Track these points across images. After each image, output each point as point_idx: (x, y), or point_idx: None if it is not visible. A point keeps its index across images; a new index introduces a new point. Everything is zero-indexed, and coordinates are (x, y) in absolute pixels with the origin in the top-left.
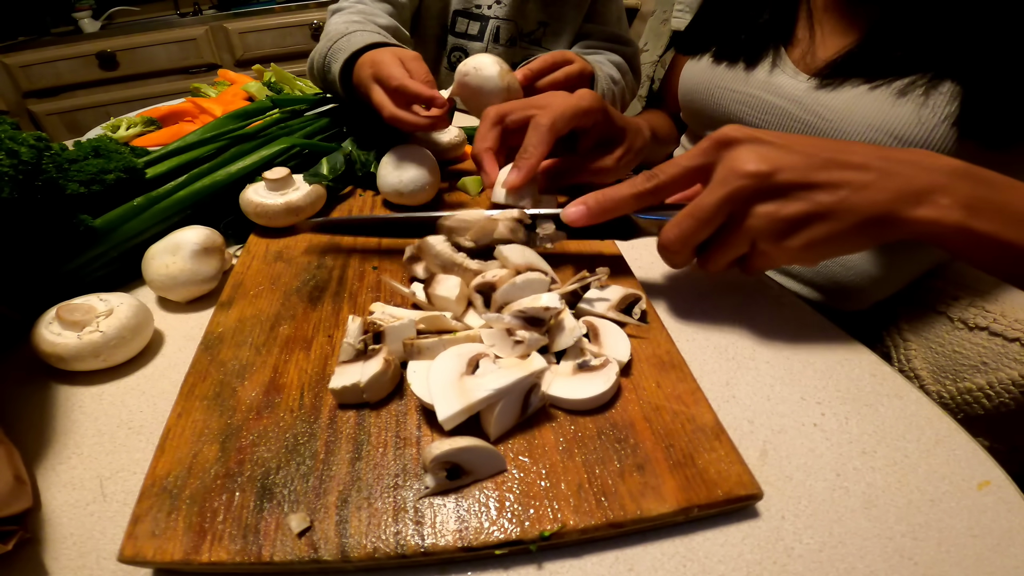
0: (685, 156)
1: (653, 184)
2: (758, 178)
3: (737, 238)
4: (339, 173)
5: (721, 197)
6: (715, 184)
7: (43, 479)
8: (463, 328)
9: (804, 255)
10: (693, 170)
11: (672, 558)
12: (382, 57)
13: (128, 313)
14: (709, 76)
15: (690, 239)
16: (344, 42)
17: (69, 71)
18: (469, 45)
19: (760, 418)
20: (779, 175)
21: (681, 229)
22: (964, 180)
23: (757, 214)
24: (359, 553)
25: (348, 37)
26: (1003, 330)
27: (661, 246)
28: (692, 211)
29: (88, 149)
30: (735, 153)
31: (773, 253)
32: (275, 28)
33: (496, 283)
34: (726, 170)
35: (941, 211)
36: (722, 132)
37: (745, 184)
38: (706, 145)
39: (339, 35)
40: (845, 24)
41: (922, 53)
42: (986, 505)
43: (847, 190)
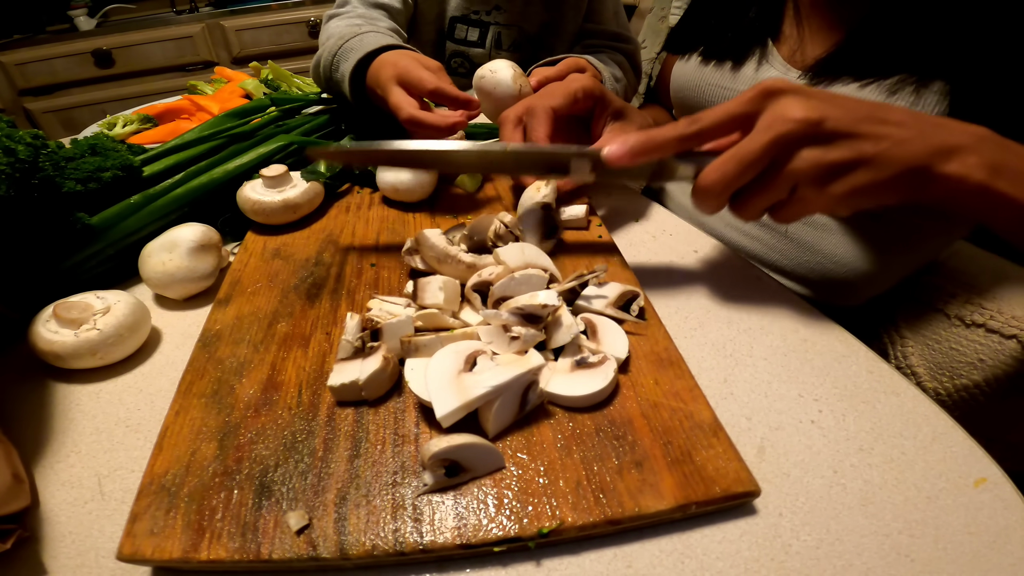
0: (730, 103)
1: (696, 128)
2: (807, 124)
3: (778, 182)
4: (337, 171)
5: (769, 140)
6: (761, 129)
7: (41, 477)
8: (460, 325)
9: (843, 202)
10: (737, 117)
11: (670, 555)
12: (407, 61)
13: (125, 311)
14: (698, 75)
15: (732, 183)
16: (356, 42)
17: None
18: (470, 51)
19: (758, 415)
20: (826, 123)
21: (724, 172)
22: (988, 143)
23: (803, 157)
24: (358, 551)
25: (360, 37)
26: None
27: (701, 188)
28: (737, 153)
29: (85, 147)
30: (783, 101)
31: (813, 198)
32: (272, 25)
33: (493, 280)
34: (774, 116)
35: (968, 168)
36: (768, 83)
37: (793, 129)
38: (751, 95)
39: (350, 35)
40: (831, 22)
41: (909, 52)
42: (982, 502)
43: (888, 142)
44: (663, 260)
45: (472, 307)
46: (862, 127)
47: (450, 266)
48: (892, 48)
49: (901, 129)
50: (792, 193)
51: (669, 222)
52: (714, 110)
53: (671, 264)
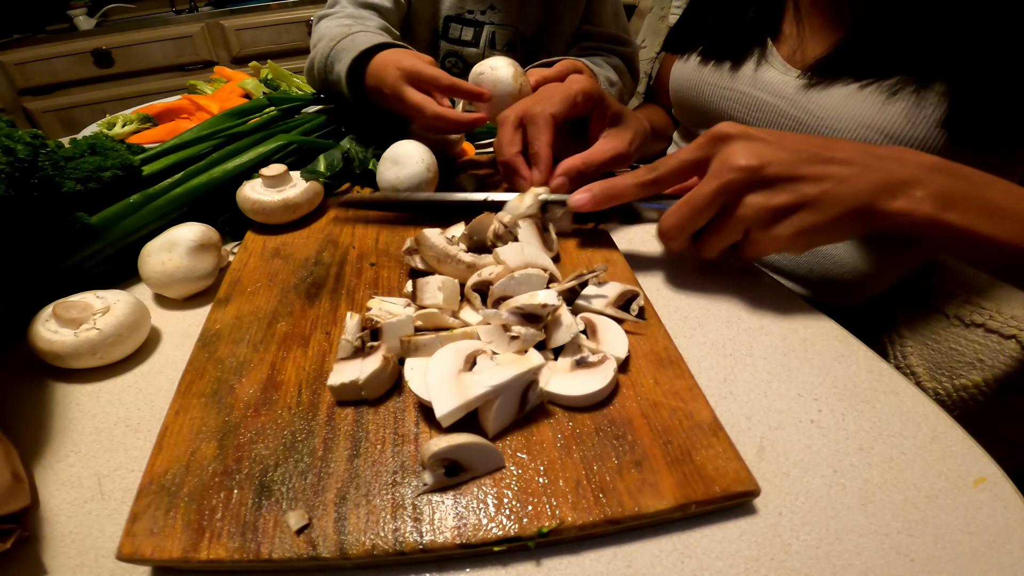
0: (684, 151)
1: (654, 176)
2: (748, 171)
3: (730, 226)
4: (336, 170)
5: (715, 188)
6: (710, 176)
7: (41, 477)
8: (460, 325)
9: (792, 243)
10: (691, 163)
11: (670, 554)
12: (411, 59)
13: (125, 310)
14: (697, 74)
15: (686, 226)
16: (348, 42)
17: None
18: (464, 51)
19: (757, 414)
20: (768, 168)
21: (678, 217)
22: (940, 174)
23: (747, 203)
24: (358, 550)
25: (351, 38)
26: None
27: (660, 232)
28: (688, 200)
29: (84, 146)
30: (729, 148)
31: (763, 240)
32: (271, 25)
33: (492, 280)
34: (720, 163)
35: (914, 203)
36: (718, 128)
37: (737, 177)
38: (703, 141)
39: (340, 36)
40: (831, 21)
41: (909, 53)
42: (982, 502)
43: (830, 182)
44: (663, 259)
45: (472, 307)
46: (803, 169)
47: (450, 266)
48: (892, 48)
49: (844, 167)
50: (746, 235)
51: None
52: (670, 158)
53: (671, 263)
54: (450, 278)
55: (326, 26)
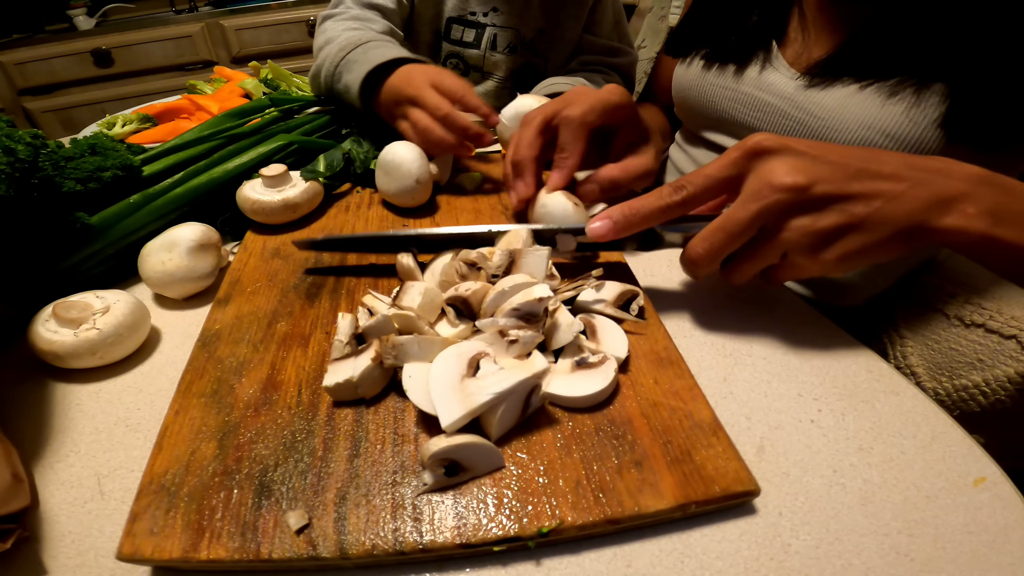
0: (714, 166)
1: (681, 196)
2: (794, 191)
3: (768, 250)
4: (336, 171)
5: (755, 211)
6: (748, 197)
7: (41, 477)
8: (433, 335)
9: (836, 267)
10: (723, 181)
11: (670, 554)
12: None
13: (125, 310)
14: (701, 77)
15: (720, 253)
16: (359, 53)
17: (64, 68)
18: (465, 52)
19: (757, 414)
20: (815, 188)
21: (712, 243)
22: (987, 188)
23: (792, 227)
24: (357, 550)
25: (363, 48)
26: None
27: (688, 259)
28: (723, 224)
29: (85, 146)
30: (769, 165)
31: (805, 265)
32: (271, 25)
33: (468, 297)
34: (760, 183)
35: (967, 220)
36: (753, 141)
37: (781, 198)
38: (736, 155)
39: (350, 45)
40: (836, 23)
41: (910, 54)
42: (982, 502)
43: (881, 200)
44: (663, 260)
45: (447, 319)
46: (852, 187)
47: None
48: (893, 49)
49: (894, 183)
50: (783, 258)
51: None
52: (697, 175)
53: (671, 264)
54: (434, 288)
55: (332, 28)
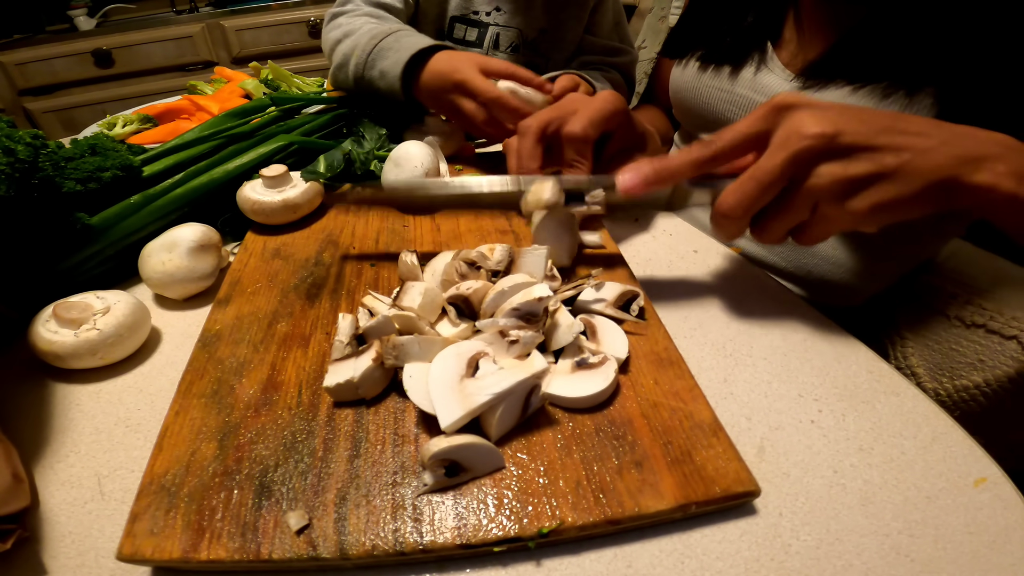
0: (742, 122)
1: (711, 151)
2: (823, 139)
3: (798, 201)
4: (337, 171)
5: (785, 158)
6: (776, 147)
7: (41, 477)
8: (433, 335)
9: (867, 218)
10: (752, 136)
11: (670, 555)
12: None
13: (125, 311)
14: (697, 78)
15: (751, 205)
16: (392, 41)
17: (65, 69)
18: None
19: (758, 415)
20: (843, 136)
21: (743, 193)
22: (1016, 152)
23: (822, 174)
24: (358, 551)
25: (395, 36)
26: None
27: (720, 213)
28: (754, 174)
29: (85, 147)
30: (796, 116)
31: (836, 216)
32: (272, 25)
33: (469, 296)
34: (788, 132)
35: (997, 178)
36: (780, 98)
37: (810, 144)
38: (763, 112)
39: (382, 34)
40: (830, 25)
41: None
42: (982, 502)
43: (910, 153)
44: (663, 260)
45: (448, 318)
46: (881, 139)
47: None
48: (884, 52)
49: (923, 139)
50: (814, 212)
51: (668, 222)
52: (727, 131)
53: (671, 264)
54: (435, 288)
55: (348, 23)
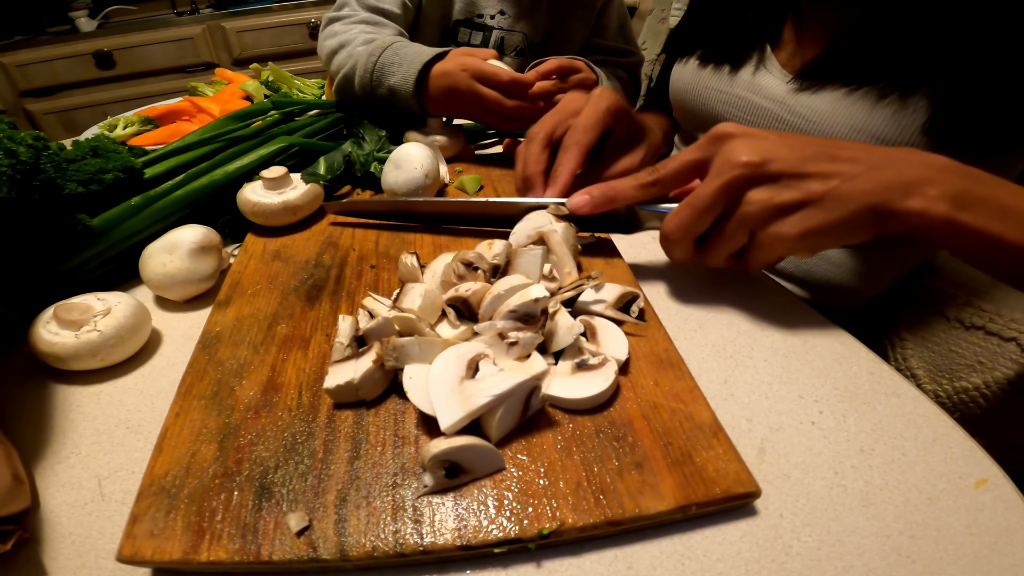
0: (684, 152)
1: (654, 177)
2: (751, 167)
3: (733, 226)
4: (337, 173)
5: (717, 186)
6: (712, 175)
7: (41, 478)
8: (433, 337)
9: (799, 243)
10: (692, 164)
11: (671, 556)
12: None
13: (126, 312)
14: (696, 78)
15: (690, 228)
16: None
17: (66, 70)
18: None
19: (758, 416)
20: (771, 165)
21: (681, 218)
22: (952, 174)
23: (751, 200)
24: (358, 552)
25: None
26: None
27: (663, 235)
28: (690, 201)
29: (86, 149)
30: (730, 146)
31: (768, 242)
32: (272, 27)
33: (469, 298)
34: (722, 161)
35: (929, 202)
36: (718, 129)
37: (740, 173)
38: (703, 142)
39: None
40: (828, 26)
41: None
42: (983, 503)
43: (838, 180)
44: (663, 261)
45: (447, 320)
46: (808, 166)
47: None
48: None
49: (851, 165)
50: (753, 238)
51: None
52: (670, 160)
53: (671, 265)
54: (434, 289)
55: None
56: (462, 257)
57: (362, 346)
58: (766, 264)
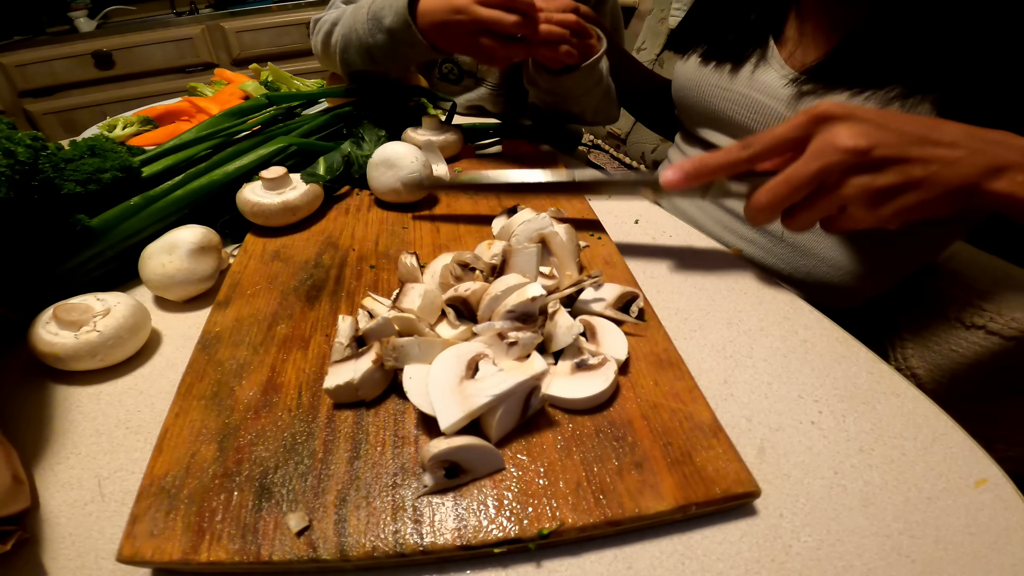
0: (782, 128)
1: (748, 153)
2: (856, 154)
3: (828, 202)
4: (336, 173)
5: (818, 168)
6: (812, 155)
7: (41, 479)
8: (433, 337)
9: (891, 220)
10: (789, 141)
11: (670, 556)
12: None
13: (125, 313)
14: (698, 74)
15: (782, 204)
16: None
17: (65, 70)
18: (460, 58)
19: (758, 416)
20: (876, 151)
21: (775, 193)
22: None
23: (852, 184)
24: (358, 552)
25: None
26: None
27: (754, 207)
28: (788, 178)
29: (83, 148)
30: (834, 128)
31: (862, 217)
32: (272, 27)
33: (468, 297)
34: (824, 143)
35: (1017, 186)
36: (820, 108)
37: (843, 159)
38: (803, 120)
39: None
40: (829, 25)
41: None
42: (983, 503)
43: (938, 164)
44: (662, 261)
45: (447, 320)
46: (912, 151)
47: None
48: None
49: (952, 150)
50: (842, 210)
51: (668, 224)
52: (765, 135)
53: (670, 265)
54: (434, 289)
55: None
56: (458, 258)
57: (362, 346)
58: (850, 230)
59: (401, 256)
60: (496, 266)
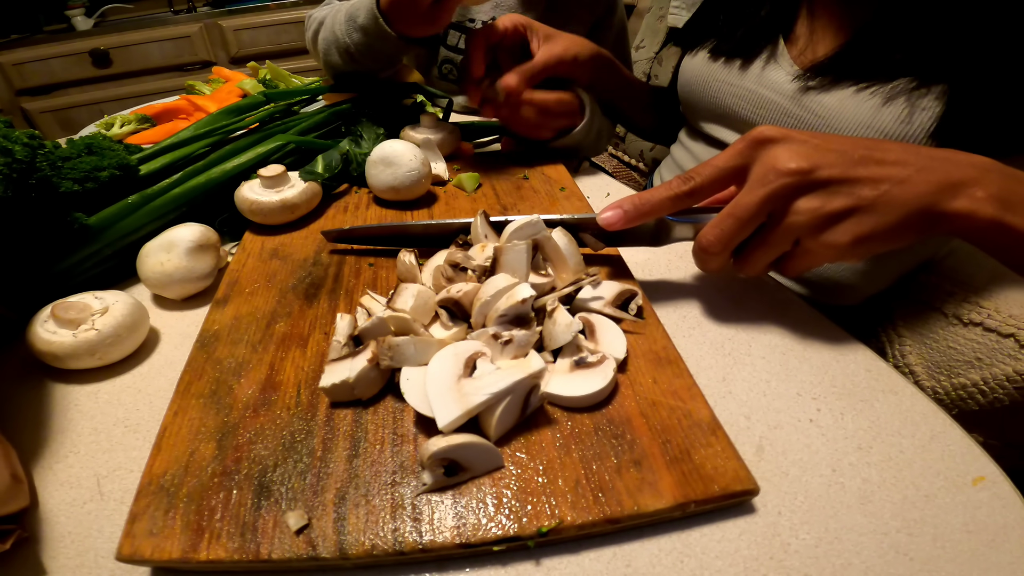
0: (720, 157)
1: (689, 186)
2: (799, 175)
3: (778, 236)
4: (335, 171)
5: (763, 196)
6: (754, 183)
7: (40, 478)
8: (428, 337)
9: (850, 251)
10: (729, 171)
11: (669, 554)
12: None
13: (123, 311)
14: (706, 70)
15: (731, 239)
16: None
17: (62, 69)
18: (459, 58)
19: (756, 414)
20: (820, 171)
21: (722, 229)
22: (996, 175)
23: (800, 210)
24: (357, 550)
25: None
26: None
27: (700, 247)
28: (733, 211)
29: (81, 146)
30: (773, 152)
31: (816, 250)
32: (270, 25)
33: (460, 299)
34: (765, 168)
35: (976, 203)
36: (757, 132)
37: (787, 182)
38: (741, 146)
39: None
40: (839, 22)
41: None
42: (981, 501)
43: (888, 184)
44: (661, 259)
45: (440, 322)
46: (858, 171)
47: None
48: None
49: (900, 168)
50: (796, 245)
51: None
52: (705, 166)
53: (669, 263)
54: (428, 289)
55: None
56: (449, 258)
57: (358, 345)
58: (809, 270)
59: (400, 254)
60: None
